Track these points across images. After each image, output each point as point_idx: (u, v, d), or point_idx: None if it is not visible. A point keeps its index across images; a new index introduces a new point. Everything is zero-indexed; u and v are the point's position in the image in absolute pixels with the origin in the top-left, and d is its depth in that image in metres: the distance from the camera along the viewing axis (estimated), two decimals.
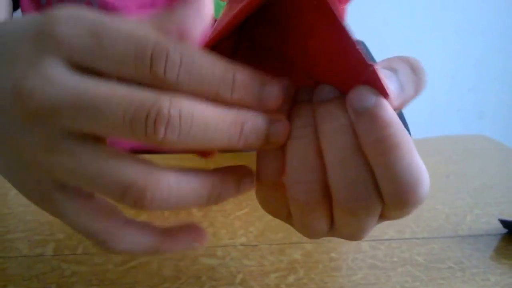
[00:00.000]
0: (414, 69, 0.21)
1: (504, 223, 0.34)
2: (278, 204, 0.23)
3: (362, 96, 0.18)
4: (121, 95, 0.18)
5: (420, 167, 0.19)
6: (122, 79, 0.18)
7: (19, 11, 0.55)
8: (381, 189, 0.19)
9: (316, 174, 0.20)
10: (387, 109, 0.18)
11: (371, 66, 0.18)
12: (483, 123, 1.61)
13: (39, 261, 0.29)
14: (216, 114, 0.18)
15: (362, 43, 0.93)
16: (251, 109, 0.19)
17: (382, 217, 0.21)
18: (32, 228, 0.33)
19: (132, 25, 0.18)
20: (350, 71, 0.19)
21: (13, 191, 0.36)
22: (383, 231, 0.34)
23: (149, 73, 0.18)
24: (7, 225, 0.33)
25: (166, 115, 0.17)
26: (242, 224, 0.35)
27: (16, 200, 0.37)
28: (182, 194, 0.19)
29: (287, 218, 0.23)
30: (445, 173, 0.45)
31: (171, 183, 0.19)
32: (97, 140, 0.19)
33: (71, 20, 0.18)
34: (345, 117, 0.19)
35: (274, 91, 0.19)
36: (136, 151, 0.23)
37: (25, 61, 0.19)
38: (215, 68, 0.18)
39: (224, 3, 0.56)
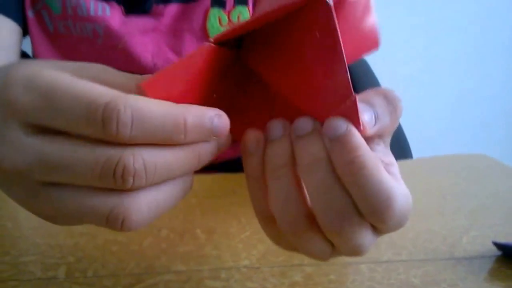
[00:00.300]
0: (389, 101, 0.23)
1: (498, 245, 0.35)
2: (275, 234, 0.24)
3: (336, 125, 0.21)
4: (84, 154, 0.19)
5: (389, 185, 0.21)
6: (80, 135, 0.20)
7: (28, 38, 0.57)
8: (360, 208, 0.21)
9: (298, 207, 0.22)
10: (356, 135, 0.21)
11: (353, 97, 0.20)
12: (488, 138, 1.61)
13: (52, 283, 0.30)
14: (176, 155, 0.20)
15: (365, 62, 0.95)
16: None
17: (376, 231, 0.23)
18: (43, 251, 0.34)
19: (86, 85, 0.19)
20: (331, 99, 0.21)
21: (23, 215, 0.38)
22: (381, 253, 0.35)
23: (102, 132, 0.19)
24: (19, 248, 0.35)
25: (132, 169, 0.19)
26: (245, 247, 0.36)
27: (26, 223, 0.38)
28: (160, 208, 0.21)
29: (288, 246, 0.25)
30: (443, 194, 0.46)
31: (146, 201, 0.21)
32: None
33: (26, 84, 0.20)
34: (320, 150, 0.21)
35: (223, 122, 0.21)
36: None
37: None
38: (166, 119, 0.19)
39: (223, 29, 0.58)
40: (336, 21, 0.20)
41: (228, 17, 0.58)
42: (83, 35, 0.56)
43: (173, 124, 0.20)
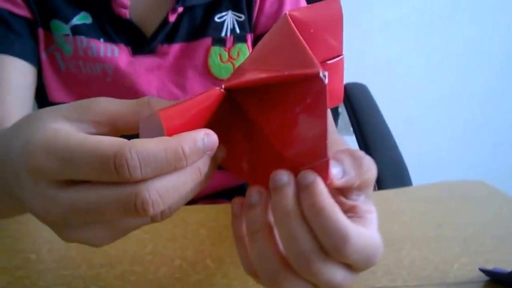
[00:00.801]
0: (355, 158, 0.28)
1: (485, 272, 0.38)
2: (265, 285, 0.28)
3: (306, 176, 0.26)
4: (106, 197, 0.23)
5: (345, 224, 0.25)
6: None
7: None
8: (324, 248, 0.25)
9: (275, 263, 0.26)
10: (321, 184, 0.25)
11: (327, 158, 0.25)
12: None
13: None
14: (182, 177, 0.24)
15: (364, 87, 0.99)
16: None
17: (350, 269, 0.27)
18: (69, 282, 0.37)
19: (95, 140, 0.23)
20: (309, 154, 0.26)
21: (46, 247, 0.42)
22: (377, 280, 0.38)
23: (118, 178, 0.23)
24: (45, 279, 0.38)
25: (149, 200, 0.23)
26: None
27: (49, 256, 0.42)
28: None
29: None
30: (439, 222, 0.49)
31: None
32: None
33: (46, 150, 0.24)
34: (292, 201, 0.26)
35: (212, 139, 0.25)
36: None
37: (26, 184, 0.25)
38: (168, 153, 0.23)
39: (225, 65, 0.62)
40: (327, 96, 0.24)
41: (228, 54, 0.62)
42: (93, 74, 0.60)
43: (174, 155, 0.23)
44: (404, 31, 1.45)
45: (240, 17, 0.62)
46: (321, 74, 0.24)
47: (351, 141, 0.85)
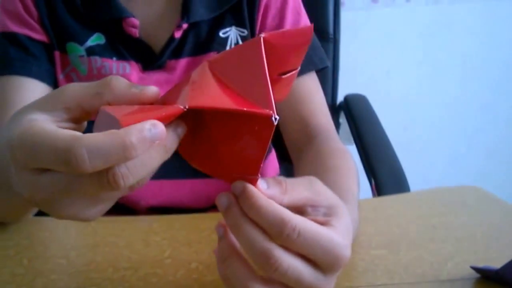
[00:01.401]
0: (311, 183, 0.34)
1: (476, 269, 0.41)
2: None
3: (237, 186, 0.31)
4: (80, 179, 0.27)
5: (282, 211, 0.30)
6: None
7: None
8: (275, 239, 0.30)
9: (245, 274, 0.31)
10: (250, 187, 0.31)
11: (258, 177, 0.31)
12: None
13: None
14: (150, 155, 0.27)
15: (364, 98, 1.03)
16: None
17: (317, 268, 0.31)
18: (98, 284, 0.41)
19: (53, 135, 0.27)
20: (246, 168, 0.31)
21: (74, 253, 0.45)
22: (377, 278, 0.42)
23: (70, 169, 0.26)
24: (76, 282, 0.42)
25: (119, 174, 0.26)
26: None
27: (78, 261, 0.45)
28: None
29: None
30: (434, 224, 0.52)
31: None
32: None
33: (19, 144, 0.28)
34: (239, 214, 0.31)
35: (159, 129, 0.27)
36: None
37: (11, 169, 0.29)
38: (114, 144, 0.25)
39: None
40: (271, 134, 0.29)
41: None
42: None
43: (121, 146, 0.25)
44: (401, 43, 1.50)
45: (243, 32, 0.66)
46: (273, 118, 0.28)
47: (351, 150, 0.89)
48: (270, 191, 0.32)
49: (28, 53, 0.63)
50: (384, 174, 0.72)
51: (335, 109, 1.01)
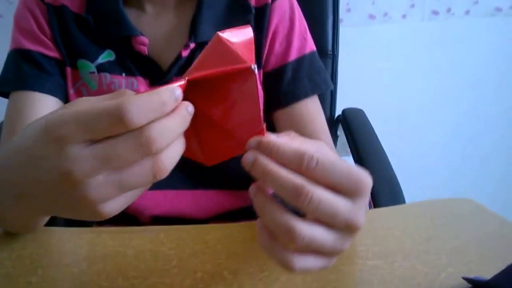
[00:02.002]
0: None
1: (467, 280, 0.44)
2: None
3: (252, 141, 0.35)
4: (120, 143, 0.30)
5: (297, 146, 0.34)
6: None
7: None
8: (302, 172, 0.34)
9: (282, 214, 0.34)
10: (265, 138, 0.34)
11: (262, 126, 0.35)
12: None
13: None
14: (174, 121, 0.31)
15: (361, 111, 1.05)
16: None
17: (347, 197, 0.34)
18: None
19: (101, 104, 0.30)
20: (250, 127, 0.35)
21: (85, 263, 0.47)
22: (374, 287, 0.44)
23: (123, 126, 0.29)
24: None
25: (152, 137, 0.30)
26: (264, 284, 0.45)
27: (89, 270, 0.47)
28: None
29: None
30: (429, 235, 0.54)
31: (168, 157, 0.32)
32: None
33: (67, 117, 0.30)
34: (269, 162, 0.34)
35: (179, 91, 0.32)
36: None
37: (52, 153, 0.31)
38: (153, 98, 0.30)
39: None
40: (258, 83, 0.33)
41: None
42: None
43: (160, 101, 0.30)
44: (398, 58, 1.53)
45: None
46: (252, 67, 0.33)
47: (348, 161, 0.92)
48: (280, 139, 0.35)
49: (42, 70, 0.65)
50: (380, 185, 0.75)
51: (333, 122, 1.04)
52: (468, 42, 1.53)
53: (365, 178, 0.34)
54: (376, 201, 0.75)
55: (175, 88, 0.32)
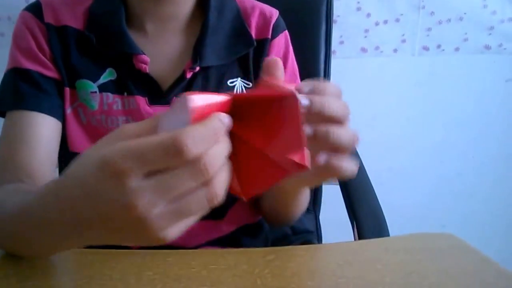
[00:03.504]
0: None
1: None
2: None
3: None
4: (178, 174, 0.32)
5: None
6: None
7: None
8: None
9: None
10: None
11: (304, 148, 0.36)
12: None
13: None
14: (221, 146, 0.34)
15: (357, 155, 1.07)
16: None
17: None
18: None
19: (156, 136, 0.32)
20: (291, 149, 0.36)
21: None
22: None
23: (180, 158, 0.31)
24: None
25: (207, 162, 0.32)
26: None
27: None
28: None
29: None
30: (408, 271, 0.56)
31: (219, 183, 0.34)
32: None
33: (123, 152, 0.32)
34: None
35: (227, 119, 0.34)
36: None
37: (112, 189, 0.32)
38: (206, 128, 0.32)
39: None
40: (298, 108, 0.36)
41: None
42: (113, 126, 0.67)
43: (213, 131, 0.32)
44: (388, 90, 1.57)
45: (248, 85, 0.71)
46: (295, 93, 0.36)
47: (336, 190, 0.93)
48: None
49: (40, 89, 0.66)
50: (364, 217, 0.76)
51: None
52: (457, 78, 1.58)
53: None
54: (361, 233, 0.77)
55: (224, 116, 0.34)
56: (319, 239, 0.99)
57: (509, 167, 1.69)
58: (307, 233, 0.98)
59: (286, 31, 0.76)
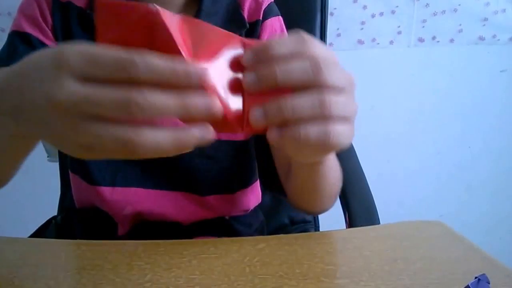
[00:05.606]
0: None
1: None
2: None
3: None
4: (111, 93, 0.31)
5: None
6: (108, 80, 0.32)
7: None
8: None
9: None
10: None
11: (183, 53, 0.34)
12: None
13: None
14: (168, 101, 0.32)
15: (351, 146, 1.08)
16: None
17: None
18: None
19: (116, 49, 0.32)
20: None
21: (62, 275, 0.49)
22: None
23: (127, 75, 0.31)
24: None
25: (137, 100, 0.31)
26: None
27: (65, 282, 0.49)
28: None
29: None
30: (394, 258, 0.57)
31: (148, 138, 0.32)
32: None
33: (79, 50, 0.32)
34: None
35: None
36: None
37: (50, 77, 0.33)
38: (170, 66, 0.31)
39: None
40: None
41: None
42: None
43: (171, 70, 0.31)
44: (385, 82, 1.57)
45: None
46: (159, 9, 0.33)
47: None
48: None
49: None
50: (356, 206, 0.77)
51: None
52: (452, 69, 1.58)
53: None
54: (352, 221, 0.78)
55: (198, 69, 0.33)
56: (316, 229, 1.00)
57: (504, 156, 1.69)
58: (304, 223, 0.99)
59: (281, 17, 0.76)
